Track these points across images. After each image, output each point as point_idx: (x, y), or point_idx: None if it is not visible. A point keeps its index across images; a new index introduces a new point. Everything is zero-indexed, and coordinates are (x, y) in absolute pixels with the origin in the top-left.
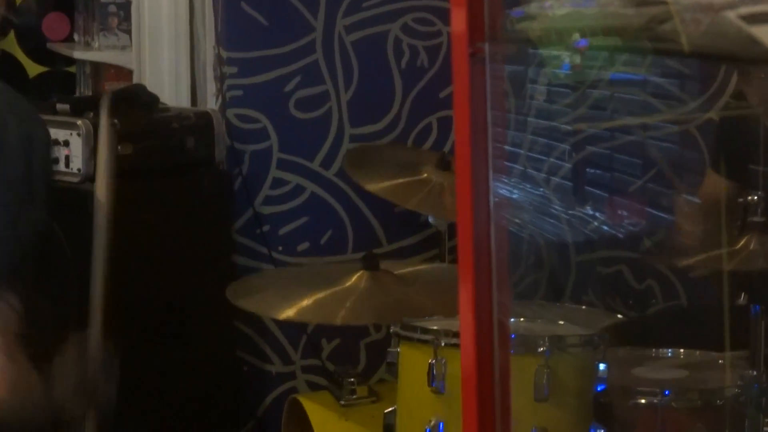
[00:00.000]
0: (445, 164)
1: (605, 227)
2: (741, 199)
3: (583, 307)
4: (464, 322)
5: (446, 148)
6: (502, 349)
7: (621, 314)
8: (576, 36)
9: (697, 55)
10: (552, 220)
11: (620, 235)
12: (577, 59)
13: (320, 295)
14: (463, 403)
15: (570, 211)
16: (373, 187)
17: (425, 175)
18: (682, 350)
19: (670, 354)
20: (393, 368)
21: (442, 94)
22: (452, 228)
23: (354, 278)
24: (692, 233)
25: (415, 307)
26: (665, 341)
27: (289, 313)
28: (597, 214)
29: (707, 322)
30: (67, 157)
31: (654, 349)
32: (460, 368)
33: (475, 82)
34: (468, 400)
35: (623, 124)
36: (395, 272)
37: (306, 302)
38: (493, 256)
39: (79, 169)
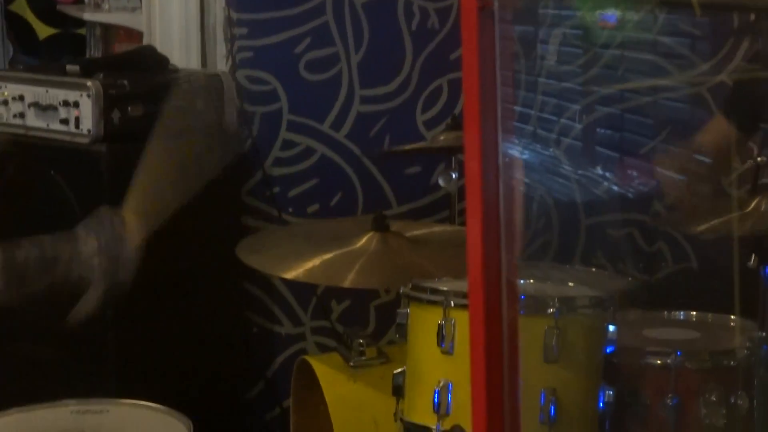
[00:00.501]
0: (455, 125)
1: (615, 188)
2: (751, 161)
3: (593, 269)
4: (473, 282)
5: (456, 111)
6: (510, 309)
7: (631, 277)
8: None
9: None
10: (562, 182)
11: (630, 196)
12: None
13: (329, 255)
14: (472, 363)
15: (580, 172)
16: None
17: (442, 137)
18: (693, 312)
19: (681, 316)
20: (402, 329)
21: (452, 56)
22: (462, 190)
23: (364, 239)
24: (701, 193)
25: (425, 269)
26: (676, 304)
27: (297, 272)
28: (607, 175)
29: (718, 285)
30: (77, 119)
31: (665, 311)
32: (469, 329)
33: (484, 39)
34: (476, 360)
35: (634, 87)
36: (405, 234)
37: (315, 263)
38: (502, 216)
39: (89, 130)
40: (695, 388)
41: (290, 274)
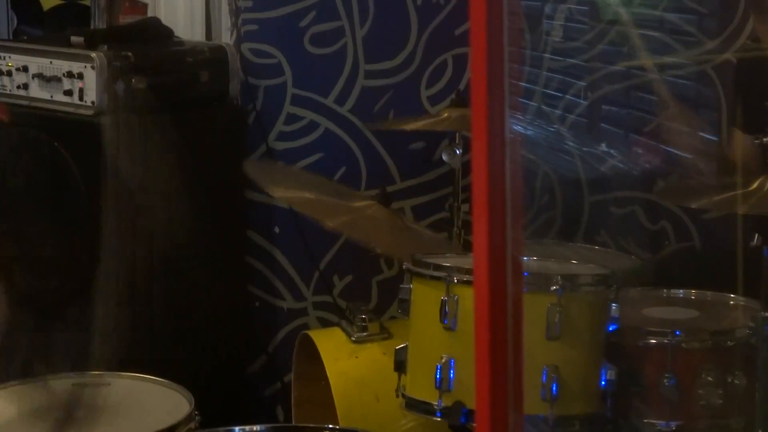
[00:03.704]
0: (460, 100)
1: (620, 164)
2: (757, 141)
3: (596, 247)
4: (478, 258)
5: (461, 86)
6: (515, 286)
7: (634, 255)
8: None
9: None
10: (566, 159)
11: (635, 173)
12: None
13: (327, 198)
14: (476, 340)
15: (585, 149)
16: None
17: (445, 114)
18: (693, 291)
19: (681, 294)
20: (405, 305)
21: (457, 32)
22: (466, 166)
23: (365, 203)
24: (708, 171)
25: (427, 242)
26: (678, 283)
27: (292, 196)
28: (612, 151)
29: (721, 264)
30: (80, 90)
31: (665, 290)
32: (473, 305)
33: (492, 13)
34: (480, 337)
35: (640, 65)
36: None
37: (311, 197)
38: (507, 192)
39: (93, 102)
40: (693, 368)
41: (284, 194)
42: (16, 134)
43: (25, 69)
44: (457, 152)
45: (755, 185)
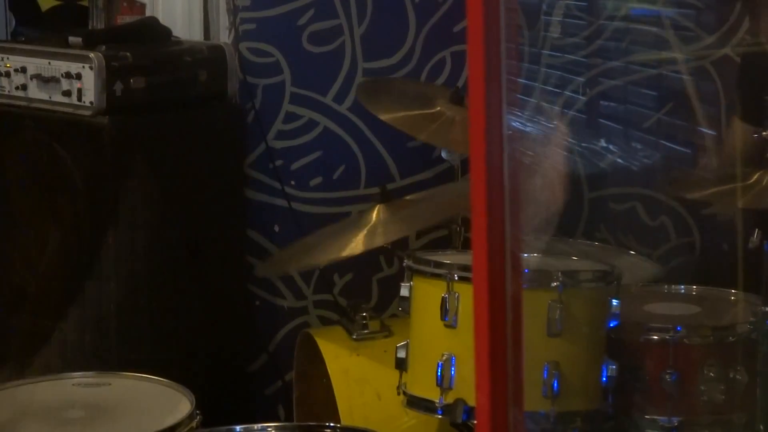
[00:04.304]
0: (458, 99)
1: (619, 160)
2: (756, 135)
3: (596, 243)
4: (477, 255)
5: (460, 84)
6: (514, 282)
7: (634, 251)
8: None
9: None
10: (565, 155)
11: (635, 168)
12: None
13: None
14: (475, 337)
15: (583, 144)
16: (387, 116)
17: (438, 108)
18: (694, 287)
19: (682, 290)
20: (406, 302)
21: (456, 29)
22: (465, 163)
23: (374, 214)
24: (708, 166)
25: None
26: (678, 279)
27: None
28: (611, 147)
29: (720, 260)
30: (79, 90)
31: (666, 286)
32: (473, 301)
33: (489, 9)
34: (480, 334)
35: (639, 60)
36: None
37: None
38: (506, 188)
39: (91, 102)
40: (695, 363)
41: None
42: (15, 135)
43: (24, 70)
44: None
45: (754, 178)
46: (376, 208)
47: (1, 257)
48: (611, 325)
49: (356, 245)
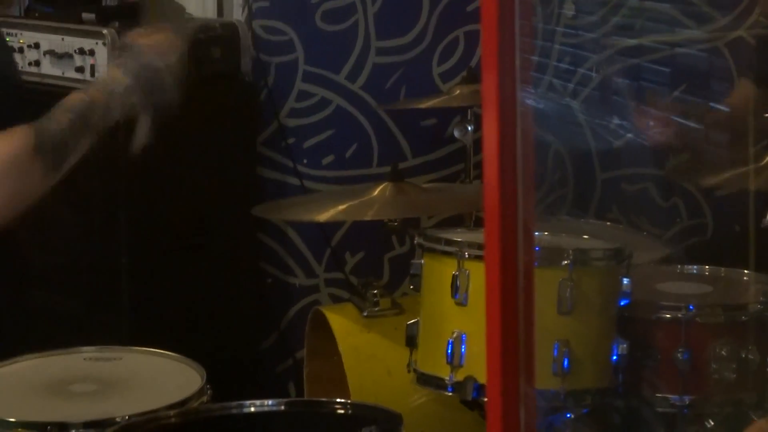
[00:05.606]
0: (472, 78)
1: (632, 139)
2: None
3: (608, 223)
4: (488, 232)
5: (472, 63)
6: (526, 260)
7: (646, 232)
8: None
9: None
10: (579, 134)
11: (647, 146)
12: None
13: (345, 204)
14: (487, 315)
15: (596, 121)
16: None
17: (457, 92)
18: (707, 267)
19: (695, 270)
20: (416, 280)
21: (469, 8)
22: (478, 143)
23: (379, 189)
24: (720, 143)
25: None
26: (690, 259)
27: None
28: (624, 124)
29: (732, 240)
30: (92, 67)
31: (678, 265)
32: (484, 280)
33: None
34: (491, 312)
35: (653, 41)
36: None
37: (332, 211)
38: (519, 165)
39: None
40: (706, 342)
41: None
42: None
43: (37, 46)
44: (469, 129)
45: (766, 160)
46: (387, 186)
47: (12, 233)
48: (622, 303)
49: (358, 213)
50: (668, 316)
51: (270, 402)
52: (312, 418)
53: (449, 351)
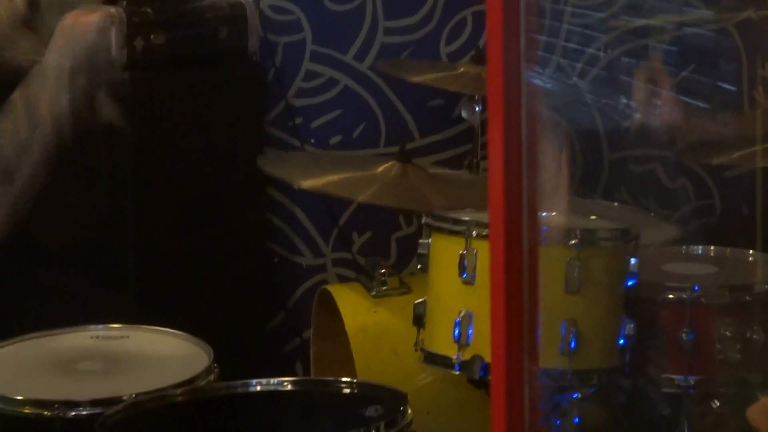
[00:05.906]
0: (479, 58)
1: (640, 120)
2: None
3: (615, 204)
4: (494, 210)
5: (480, 44)
6: (531, 238)
7: (653, 213)
8: None
9: None
10: (586, 114)
11: (655, 125)
12: None
13: (349, 174)
14: (492, 293)
15: (604, 101)
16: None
17: (462, 69)
18: (712, 247)
19: (700, 251)
20: (424, 259)
21: None
22: (485, 123)
23: (385, 166)
24: (729, 122)
25: (443, 200)
26: (697, 240)
27: (313, 183)
28: (632, 104)
29: (740, 221)
30: None
31: (684, 246)
32: (490, 257)
33: None
34: (496, 290)
35: (660, 22)
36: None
37: (333, 177)
38: (524, 145)
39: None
40: (712, 323)
41: (306, 184)
42: None
43: None
44: (477, 109)
45: None
46: (394, 165)
47: (21, 212)
48: (629, 283)
49: (357, 191)
50: (673, 296)
51: (276, 381)
52: (318, 398)
53: (456, 330)
